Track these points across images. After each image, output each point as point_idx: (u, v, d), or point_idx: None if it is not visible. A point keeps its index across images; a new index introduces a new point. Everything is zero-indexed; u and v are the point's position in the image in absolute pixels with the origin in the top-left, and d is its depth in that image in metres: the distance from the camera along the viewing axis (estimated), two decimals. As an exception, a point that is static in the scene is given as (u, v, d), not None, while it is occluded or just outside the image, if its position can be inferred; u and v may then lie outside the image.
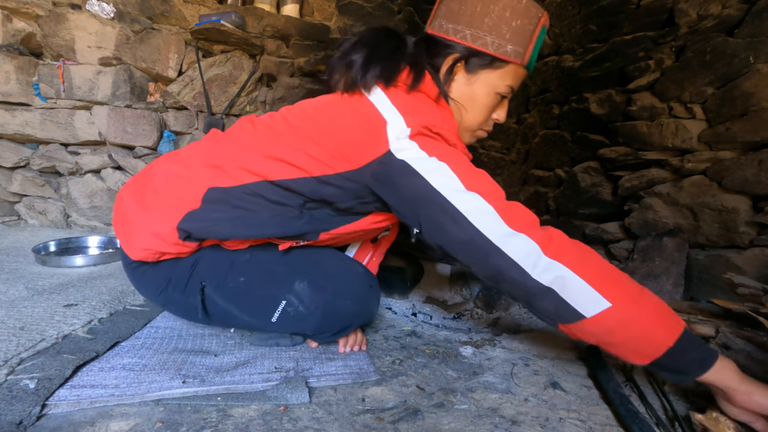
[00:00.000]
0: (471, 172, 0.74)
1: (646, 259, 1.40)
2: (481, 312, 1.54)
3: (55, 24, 1.92)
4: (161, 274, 0.88)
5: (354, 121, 0.77)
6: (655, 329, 0.65)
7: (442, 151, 0.74)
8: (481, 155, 2.35)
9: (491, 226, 0.69)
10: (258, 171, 0.80)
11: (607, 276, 0.67)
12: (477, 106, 0.85)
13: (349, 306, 0.88)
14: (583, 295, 0.66)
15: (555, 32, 2.04)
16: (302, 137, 0.79)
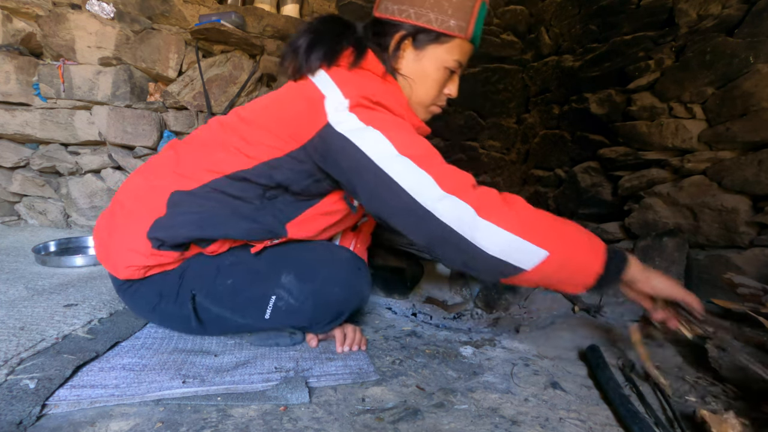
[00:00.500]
0: (407, 139, 0.74)
1: (646, 259, 1.40)
2: (481, 312, 1.54)
3: (55, 24, 1.92)
4: (151, 289, 0.88)
5: (296, 101, 0.80)
6: (586, 261, 0.71)
7: (380, 119, 0.75)
8: (481, 155, 2.35)
9: (423, 190, 0.70)
10: (214, 168, 0.82)
11: (540, 226, 0.70)
12: (428, 81, 0.87)
13: (339, 292, 0.89)
14: (521, 250, 0.68)
15: (555, 32, 2.04)
16: (253, 127, 0.82)
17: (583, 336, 1.17)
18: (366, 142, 0.73)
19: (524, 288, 1.53)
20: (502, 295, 1.53)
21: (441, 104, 0.93)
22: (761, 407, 0.75)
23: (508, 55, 2.26)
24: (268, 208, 0.85)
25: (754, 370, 0.74)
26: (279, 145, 0.80)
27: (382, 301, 1.49)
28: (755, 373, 0.76)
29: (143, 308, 0.93)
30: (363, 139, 0.73)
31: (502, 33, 2.24)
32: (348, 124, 0.74)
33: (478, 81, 2.24)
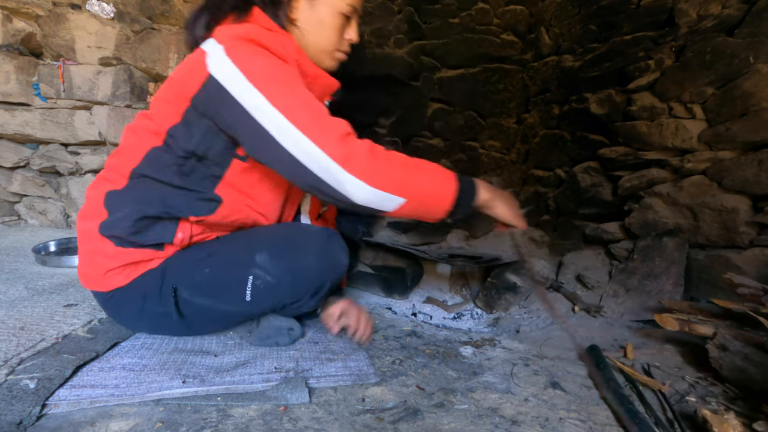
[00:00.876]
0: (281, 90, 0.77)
1: (646, 259, 1.40)
2: (481, 312, 1.54)
3: (55, 24, 1.92)
4: (135, 291, 0.89)
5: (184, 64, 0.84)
6: (439, 199, 0.82)
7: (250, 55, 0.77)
8: (481, 155, 2.35)
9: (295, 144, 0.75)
10: (133, 155, 0.86)
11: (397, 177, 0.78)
12: (325, 28, 0.90)
13: (313, 261, 0.90)
14: (382, 199, 0.78)
15: (555, 32, 2.04)
16: (154, 102, 0.87)
17: (583, 336, 1.17)
18: (241, 92, 0.76)
19: (524, 288, 1.53)
20: (502, 295, 1.53)
21: (344, 50, 0.96)
22: (761, 407, 0.75)
23: (508, 55, 2.26)
24: (191, 179, 0.87)
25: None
26: (175, 110, 0.83)
27: (382, 301, 1.49)
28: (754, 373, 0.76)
29: (132, 314, 0.92)
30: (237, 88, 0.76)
31: (502, 33, 2.24)
32: (224, 70, 0.76)
33: (478, 81, 2.24)
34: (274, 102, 0.75)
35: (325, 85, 0.95)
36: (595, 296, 1.43)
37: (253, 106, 0.76)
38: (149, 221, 0.87)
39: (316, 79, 0.92)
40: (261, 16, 0.85)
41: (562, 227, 1.93)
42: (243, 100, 0.76)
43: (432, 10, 2.15)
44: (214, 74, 0.77)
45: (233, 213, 0.92)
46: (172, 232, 0.89)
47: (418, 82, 2.15)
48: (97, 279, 0.89)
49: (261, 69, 0.77)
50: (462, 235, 2.36)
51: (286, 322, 0.98)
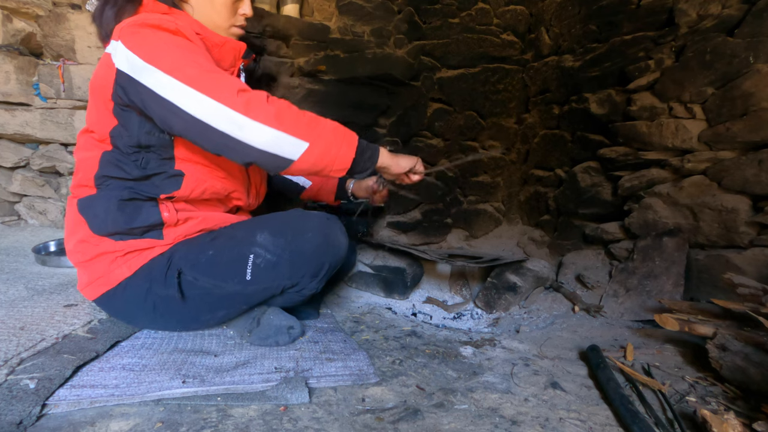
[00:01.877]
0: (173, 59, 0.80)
1: (646, 259, 1.40)
2: (481, 312, 1.54)
3: (55, 24, 1.92)
4: (141, 278, 0.91)
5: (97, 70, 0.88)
6: (342, 149, 0.87)
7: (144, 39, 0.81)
8: (482, 155, 2.35)
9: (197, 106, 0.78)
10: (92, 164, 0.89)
11: (299, 122, 0.82)
12: (216, 6, 0.95)
13: (311, 238, 0.93)
14: (286, 142, 0.80)
15: (555, 32, 2.04)
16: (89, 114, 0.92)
17: (583, 336, 1.17)
18: (141, 73, 0.80)
19: (524, 288, 1.53)
20: (502, 295, 1.53)
21: (241, 24, 1.01)
22: (761, 407, 0.75)
23: (508, 55, 2.26)
24: (152, 168, 0.91)
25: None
26: (106, 114, 0.87)
27: (382, 301, 1.49)
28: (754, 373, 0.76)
29: (137, 301, 0.93)
30: (138, 71, 0.80)
31: (502, 33, 2.24)
32: (125, 60, 0.80)
33: (478, 81, 2.24)
34: (171, 72, 0.78)
35: (234, 50, 0.99)
36: (595, 296, 1.43)
37: (153, 83, 0.79)
38: (130, 206, 0.90)
39: (223, 46, 0.96)
40: (151, 3, 0.90)
41: (562, 227, 1.93)
42: (144, 80, 0.80)
43: (432, 10, 2.15)
44: (119, 67, 0.81)
45: (200, 183, 0.95)
46: (157, 212, 0.92)
47: (418, 82, 2.15)
48: (103, 278, 0.90)
49: (153, 47, 0.80)
50: (462, 235, 2.36)
51: (286, 320, 0.98)
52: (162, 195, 0.93)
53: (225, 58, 0.98)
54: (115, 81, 0.83)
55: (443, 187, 2.28)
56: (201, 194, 0.97)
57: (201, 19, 0.95)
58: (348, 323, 1.21)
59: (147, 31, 0.82)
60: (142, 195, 0.91)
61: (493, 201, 2.41)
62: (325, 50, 2.04)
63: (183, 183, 0.93)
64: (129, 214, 0.90)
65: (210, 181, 0.97)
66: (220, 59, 0.97)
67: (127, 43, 0.80)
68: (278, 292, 0.98)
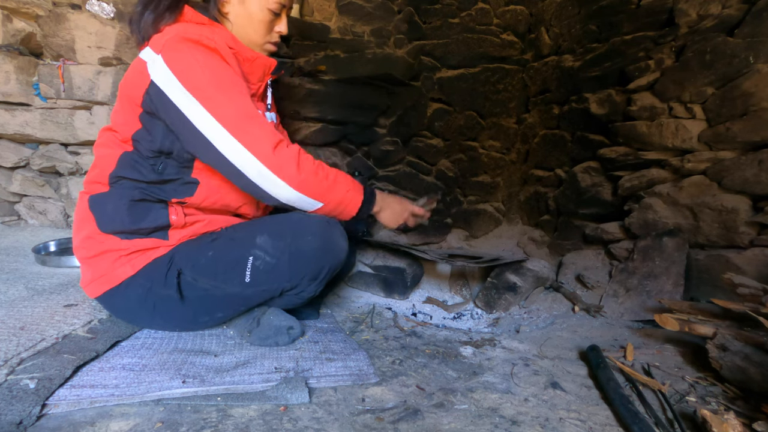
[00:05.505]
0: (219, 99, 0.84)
1: (646, 259, 1.40)
2: (481, 312, 1.54)
3: (55, 24, 1.92)
4: (143, 278, 0.91)
5: (129, 75, 0.90)
6: (350, 205, 0.99)
7: (179, 55, 0.83)
8: (481, 155, 2.35)
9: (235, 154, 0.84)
10: (107, 164, 0.91)
11: (319, 186, 0.92)
12: (254, 23, 0.98)
13: (311, 241, 0.93)
14: (305, 202, 0.92)
15: (555, 32, 2.04)
16: (114, 115, 0.93)
17: (583, 336, 1.17)
18: (178, 97, 0.83)
19: (524, 288, 1.53)
20: (502, 295, 1.53)
21: (275, 41, 1.05)
22: (761, 407, 0.75)
23: (508, 55, 2.26)
24: (168, 173, 0.93)
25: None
26: (132, 118, 0.89)
27: (382, 301, 1.49)
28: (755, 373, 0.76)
29: (137, 300, 0.93)
30: (175, 94, 0.83)
31: (502, 33, 2.24)
32: (163, 76, 0.83)
33: (478, 81, 2.24)
34: (212, 111, 0.83)
35: (265, 65, 1.02)
36: (595, 296, 1.43)
37: (190, 112, 0.83)
38: (140, 206, 0.91)
39: (254, 61, 0.99)
40: (191, 12, 0.92)
41: (562, 227, 1.93)
42: (180, 105, 0.83)
43: (432, 10, 2.15)
44: (154, 80, 0.84)
45: (212, 193, 0.97)
46: (166, 215, 0.93)
47: (418, 82, 2.15)
48: (106, 275, 0.91)
49: (197, 75, 0.83)
50: (462, 235, 2.36)
51: (286, 321, 0.98)
52: (174, 199, 0.94)
53: (254, 73, 1.01)
54: (147, 90, 0.85)
55: (443, 187, 2.28)
56: (212, 204, 0.99)
57: (237, 33, 0.98)
58: (348, 323, 1.21)
59: (187, 48, 0.84)
60: (153, 197, 0.92)
61: (493, 201, 2.41)
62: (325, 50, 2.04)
63: (197, 191, 0.95)
64: (137, 215, 0.91)
65: (223, 193, 0.98)
66: (250, 73, 1.00)
67: (167, 60, 0.83)
68: (277, 294, 0.98)
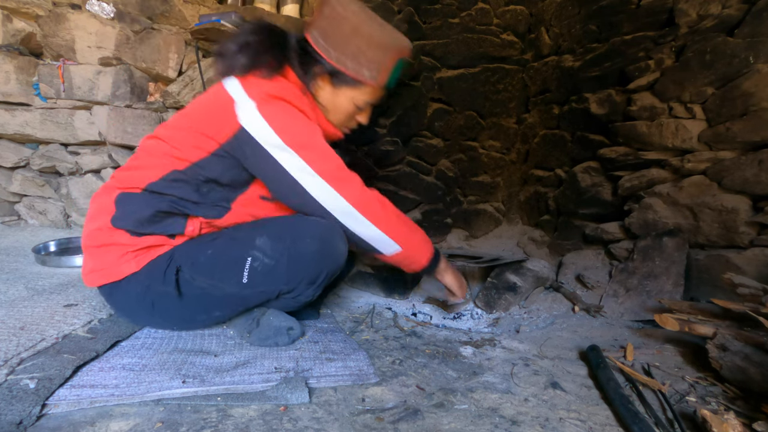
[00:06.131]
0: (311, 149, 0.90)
1: (646, 259, 1.40)
2: (481, 312, 1.54)
3: (55, 24, 1.92)
4: (143, 274, 0.92)
5: (212, 105, 0.92)
6: (423, 256, 1.06)
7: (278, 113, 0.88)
8: (481, 155, 2.35)
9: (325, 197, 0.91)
10: (151, 173, 0.91)
11: (400, 229, 0.99)
12: (340, 112, 1.03)
13: (310, 244, 0.92)
14: (386, 243, 0.98)
15: (555, 32, 2.04)
16: (179, 132, 0.93)
17: (583, 336, 1.17)
18: (274, 149, 0.88)
19: (524, 288, 1.53)
20: (502, 295, 1.53)
21: (352, 126, 1.10)
22: (761, 407, 0.75)
23: (508, 55, 2.26)
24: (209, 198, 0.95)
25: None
26: (203, 146, 0.90)
27: (382, 301, 1.49)
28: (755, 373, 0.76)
29: (137, 297, 0.93)
30: (271, 145, 0.88)
31: (502, 33, 2.24)
32: (257, 125, 0.87)
33: (478, 81, 2.24)
34: (309, 161, 0.89)
35: (332, 135, 1.06)
36: (595, 296, 1.43)
37: (287, 162, 0.88)
38: (162, 216, 0.92)
39: (326, 131, 1.02)
40: (292, 76, 0.96)
41: (562, 227, 1.93)
42: (276, 156, 0.88)
43: (432, 10, 2.15)
44: (246, 127, 0.87)
45: (238, 218, 1.00)
46: (182, 225, 0.95)
47: (418, 82, 2.15)
48: (109, 269, 0.91)
49: (291, 127, 0.89)
50: (462, 235, 2.36)
51: (286, 321, 0.98)
52: (201, 218, 0.96)
53: None
54: (235, 135, 0.88)
55: (443, 187, 2.28)
56: (230, 224, 1.01)
57: (323, 109, 1.03)
58: (348, 323, 1.21)
59: (285, 106, 0.90)
60: (180, 211, 0.94)
61: (493, 201, 2.41)
62: (325, 50, 2.04)
63: (225, 215, 0.98)
64: (156, 223, 0.92)
65: (245, 218, 1.01)
66: None
67: (266, 114, 0.87)
68: (274, 296, 0.97)
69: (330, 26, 0.95)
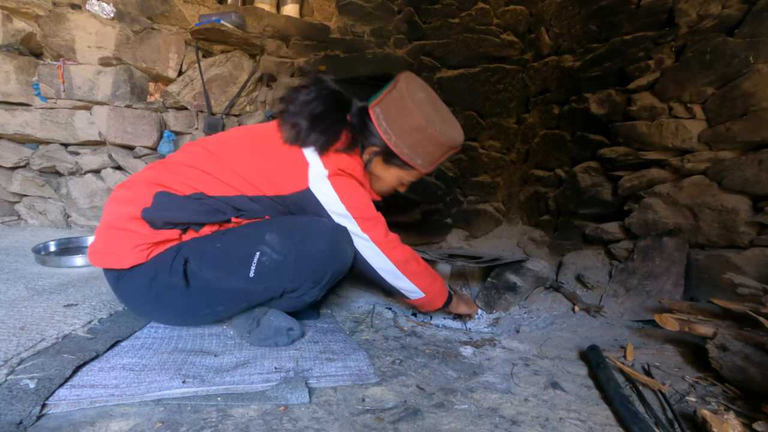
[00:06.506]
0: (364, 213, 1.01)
1: (646, 259, 1.40)
2: (481, 312, 1.54)
3: (55, 24, 1.92)
4: (150, 266, 0.92)
5: (285, 162, 0.98)
6: (440, 300, 1.21)
7: (347, 187, 0.99)
8: (481, 155, 2.35)
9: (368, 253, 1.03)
10: (197, 186, 0.95)
11: (426, 280, 1.14)
12: (385, 184, 1.14)
13: (318, 244, 0.96)
14: (412, 290, 1.13)
15: (555, 32, 2.04)
16: (241, 162, 0.97)
17: (583, 336, 1.17)
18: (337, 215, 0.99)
19: (524, 288, 1.53)
20: (502, 295, 1.53)
21: (390, 194, 1.21)
22: (761, 407, 0.75)
23: (508, 55, 2.26)
24: (242, 216, 1.01)
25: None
26: (264, 189, 0.97)
27: (382, 301, 1.48)
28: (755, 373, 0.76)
29: (141, 287, 0.93)
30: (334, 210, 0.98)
31: (502, 33, 2.24)
32: (323, 191, 0.97)
33: (478, 81, 2.24)
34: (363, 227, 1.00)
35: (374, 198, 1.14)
36: (595, 296, 1.43)
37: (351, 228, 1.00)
38: (186, 224, 0.97)
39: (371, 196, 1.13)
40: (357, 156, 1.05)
41: (562, 227, 1.93)
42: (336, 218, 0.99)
43: (432, 10, 2.15)
44: (312, 190, 0.97)
45: None
46: (200, 227, 0.99)
47: (418, 82, 2.15)
48: (119, 255, 0.91)
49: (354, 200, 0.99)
50: (462, 235, 2.36)
51: (286, 322, 0.98)
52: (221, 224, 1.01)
53: None
54: (300, 192, 0.97)
55: (443, 187, 2.28)
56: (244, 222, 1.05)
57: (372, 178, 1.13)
58: (348, 323, 1.21)
59: (350, 181, 1.00)
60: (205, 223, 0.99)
61: (493, 201, 2.41)
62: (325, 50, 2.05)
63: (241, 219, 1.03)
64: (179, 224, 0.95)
65: None
66: None
67: (336, 186, 0.97)
68: (278, 294, 0.98)
69: (396, 113, 1.02)
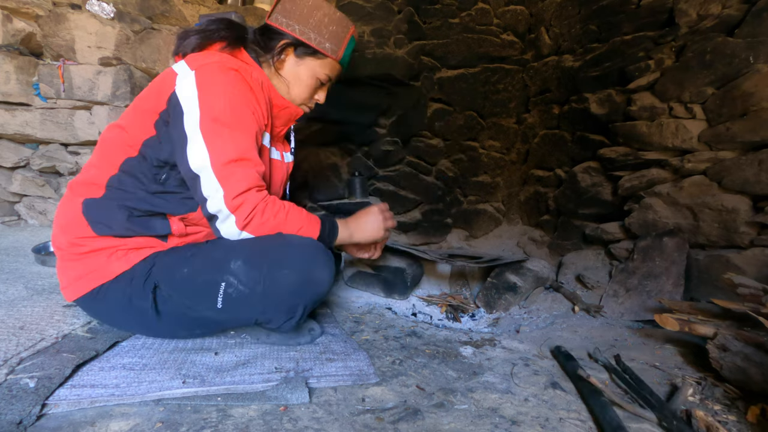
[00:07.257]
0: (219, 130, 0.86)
1: (646, 259, 1.40)
2: (482, 312, 1.54)
3: (55, 24, 1.92)
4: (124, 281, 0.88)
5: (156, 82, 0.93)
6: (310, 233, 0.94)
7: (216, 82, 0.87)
8: (481, 155, 2.35)
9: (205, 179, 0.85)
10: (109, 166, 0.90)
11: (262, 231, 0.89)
12: (301, 84, 1.06)
13: (289, 275, 0.86)
14: None
15: (555, 32, 2.04)
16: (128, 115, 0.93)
17: (583, 336, 1.17)
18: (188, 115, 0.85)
19: (524, 288, 1.53)
20: (502, 295, 1.53)
21: (311, 106, 1.12)
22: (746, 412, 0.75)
23: (508, 55, 2.26)
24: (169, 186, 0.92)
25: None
26: (147, 123, 0.89)
27: (382, 301, 1.49)
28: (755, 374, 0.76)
29: (118, 305, 0.89)
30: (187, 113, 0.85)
31: (502, 33, 2.24)
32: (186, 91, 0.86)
33: (478, 81, 2.24)
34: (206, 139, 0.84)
35: (292, 113, 1.08)
36: (595, 296, 1.43)
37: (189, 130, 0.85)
38: (141, 218, 0.90)
39: (283, 110, 1.05)
40: (245, 55, 1.00)
41: (562, 227, 1.93)
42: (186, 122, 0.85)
43: (432, 10, 2.15)
44: (177, 92, 0.87)
45: None
46: (167, 225, 0.92)
47: (418, 82, 2.15)
48: (99, 270, 0.87)
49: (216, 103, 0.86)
50: (462, 235, 2.36)
51: (306, 322, 1.02)
52: (175, 215, 0.92)
53: (281, 117, 1.06)
54: (169, 98, 0.88)
55: (443, 187, 2.28)
56: None
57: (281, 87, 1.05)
58: (348, 323, 1.21)
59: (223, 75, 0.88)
60: (153, 210, 0.90)
61: (493, 201, 2.41)
62: (325, 50, 2.04)
63: (198, 210, 0.92)
64: (138, 225, 0.89)
65: None
66: (277, 117, 1.06)
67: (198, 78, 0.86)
68: (251, 323, 0.95)
69: (291, 4, 1.01)
